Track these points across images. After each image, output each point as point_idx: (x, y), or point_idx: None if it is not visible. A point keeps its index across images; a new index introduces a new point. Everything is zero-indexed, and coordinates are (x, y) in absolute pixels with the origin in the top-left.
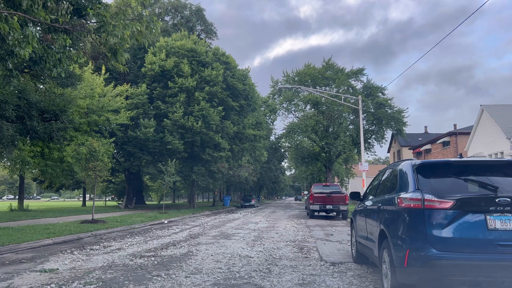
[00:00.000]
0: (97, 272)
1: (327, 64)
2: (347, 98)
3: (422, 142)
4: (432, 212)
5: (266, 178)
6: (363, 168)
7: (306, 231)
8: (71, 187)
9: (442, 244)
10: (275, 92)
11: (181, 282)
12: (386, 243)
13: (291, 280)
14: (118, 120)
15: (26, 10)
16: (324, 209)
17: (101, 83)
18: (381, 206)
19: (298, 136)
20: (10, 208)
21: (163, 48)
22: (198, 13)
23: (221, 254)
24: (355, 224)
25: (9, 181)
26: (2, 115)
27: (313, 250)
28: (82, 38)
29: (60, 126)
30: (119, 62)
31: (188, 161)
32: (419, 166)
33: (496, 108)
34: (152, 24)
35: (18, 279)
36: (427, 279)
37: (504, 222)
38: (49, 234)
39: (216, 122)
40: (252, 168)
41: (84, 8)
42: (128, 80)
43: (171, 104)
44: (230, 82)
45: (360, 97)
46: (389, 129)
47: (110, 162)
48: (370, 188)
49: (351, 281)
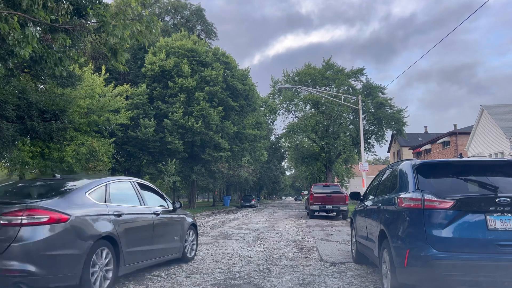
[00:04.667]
0: None
1: (327, 64)
2: (347, 98)
3: (422, 142)
4: (432, 212)
5: (266, 178)
6: (363, 168)
7: (306, 231)
8: None
9: (442, 244)
10: (275, 92)
11: (181, 282)
12: (386, 243)
13: (291, 280)
14: (118, 120)
15: (26, 10)
16: (324, 209)
17: (101, 83)
18: (381, 206)
19: (298, 136)
20: None
21: (163, 48)
22: (198, 13)
23: (221, 254)
24: (355, 224)
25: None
26: (2, 115)
27: (313, 250)
28: (82, 38)
29: (60, 126)
30: (119, 62)
31: (188, 161)
32: (419, 166)
33: (496, 108)
34: (152, 24)
35: None
36: (427, 279)
37: (504, 222)
38: None
39: (216, 122)
40: (252, 168)
41: (84, 8)
42: (128, 80)
43: (171, 104)
44: (230, 82)
45: (360, 97)
46: (389, 129)
47: (110, 162)
48: (370, 188)
49: (351, 281)
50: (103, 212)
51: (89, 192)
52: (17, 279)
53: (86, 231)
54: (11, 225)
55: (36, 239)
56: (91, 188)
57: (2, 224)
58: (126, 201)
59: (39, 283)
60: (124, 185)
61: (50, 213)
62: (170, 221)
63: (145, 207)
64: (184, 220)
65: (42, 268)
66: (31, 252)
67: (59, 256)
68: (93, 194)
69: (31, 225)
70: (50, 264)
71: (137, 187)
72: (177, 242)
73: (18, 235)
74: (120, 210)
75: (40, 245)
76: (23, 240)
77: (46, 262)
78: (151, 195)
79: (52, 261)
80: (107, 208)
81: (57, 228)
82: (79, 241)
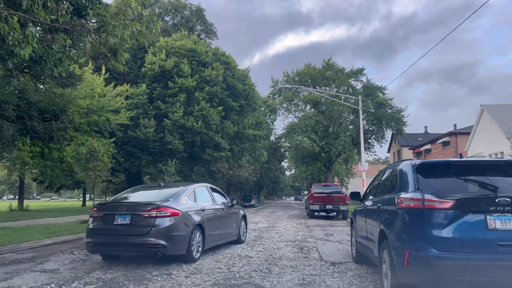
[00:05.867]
0: (97, 272)
1: (327, 64)
2: (347, 98)
3: (422, 142)
4: (432, 212)
5: (266, 178)
6: (363, 168)
7: (306, 231)
8: (71, 187)
9: (442, 244)
10: (275, 92)
11: (181, 282)
12: (386, 243)
13: (291, 280)
14: (118, 120)
15: (26, 10)
16: (324, 209)
17: (101, 83)
18: (381, 206)
19: (298, 136)
20: (10, 208)
21: (163, 48)
22: (198, 13)
23: (221, 254)
24: (355, 224)
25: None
26: (2, 115)
27: (313, 250)
28: (82, 38)
29: (60, 126)
30: (119, 62)
31: (188, 161)
32: (419, 166)
33: (496, 108)
34: (152, 24)
35: (18, 279)
36: (427, 279)
37: (504, 222)
38: (49, 234)
39: (216, 122)
40: (252, 168)
41: (84, 8)
42: (128, 80)
43: (171, 104)
44: (230, 82)
45: (360, 97)
46: (389, 129)
47: (110, 162)
48: (370, 188)
49: (351, 281)
50: (195, 208)
51: (186, 195)
52: (155, 249)
53: (188, 220)
54: (150, 217)
55: (164, 225)
56: (186, 192)
57: (145, 217)
58: (205, 200)
59: (167, 252)
60: (203, 189)
61: (170, 209)
62: (230, 213)
63: (215, 204)
64: (238, 212)
65: (168, 242)
66: (162, 233)
67: (176, 236)
68: (188, 197)
69: (161, 217)
70: (172, 240)
71: (210, 190)
72: (235, 228)
73: (155, 223)
74: (204, 207)
75: (166, 229)
76: (158, 226)
77: (170, 239)
78: (218, 195)
79: (173, 239)
80: (196, 205)
81: (174, 219)
82: (185, 227)
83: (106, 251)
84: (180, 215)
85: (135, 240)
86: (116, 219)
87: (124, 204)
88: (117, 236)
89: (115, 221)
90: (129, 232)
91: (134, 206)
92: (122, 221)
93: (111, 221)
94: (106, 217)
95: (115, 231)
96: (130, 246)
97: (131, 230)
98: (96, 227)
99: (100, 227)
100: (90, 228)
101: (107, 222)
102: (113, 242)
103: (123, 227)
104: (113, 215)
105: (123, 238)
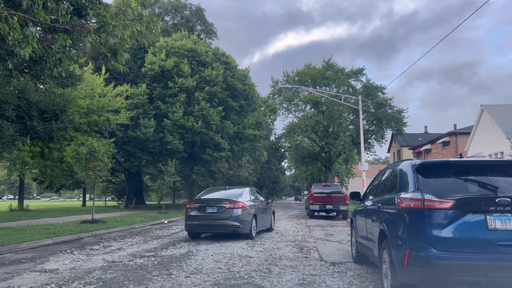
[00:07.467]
0: (97, 272)
1: (327, 64)
2: (347, 98)
3: (422, 142)
4: (432, 212)
5: (266, 178)
6: (363, 168)
7: (306, 231)
8: (71, 187)
9: (442, 244)
10: (275, 92)
11: (181, 282)
12: (386, 243)
13: (291, 280)
14: (118, 120)
15: (26, 10)
16: (324, 209)
17: (101, 83)
18: (381, 206)
19: (298, 136)
20: (10, 208)
21: (163, 48)
22: (198, 13)
23: (221, 254)
24: (355, 224)
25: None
26: (2, 115)
27: (313, 250)
28: (82, 38)
29: (60, 126)
30: (119, 62)
31: (188, 161)
32: (419, 166)
33: (496, 108)
34: (152, 24)
35: (18, 279)
36: (427, 279)
37: (504, 222)
38: (49, 234)
39: (216, 122)
40: (252, 168)
41: (84, 8)
42: (128, 80)
43: (171, 104)
44: (230, 82)
45: (360, 97)
46: (389, 129)
47: (110, 162)
48: (370, 188)
49: (351, 281)
50: (252, 203)
51: (245, 193)
52: (233, 228)
53: (250, 211)
54: (229, 208)
55: (238, 214)
56: (246, 192)
57: (226, 208)
58: (254, 198)
59: (240, 230)
60: (252, 190)
61: (241, 203)
62: (267, 208)
63: (259, 201)
64: (271, 208)
65: (242, 224)
66: (237, 218)
67: (245, 220)
68: (247, 195)
69: (236, 208)
70: (243, 223)
71: (255, 191)
72: (269, 220)
73: (233, 212)
74: (255, 203)
75: (239, 216)
76: (234, 214)
77: (242, 222)
78: (259, 195)
79: (243, 222)
80: (252, 202)
81: (243, 210)
82: (248, 215)
83: (201, 230)
84: (246, 207)
85: (221, 223)
86: (207, 209)
87: (211, 199)
88: (208, 219)
89: (206, 211)
90: (216, 218)
91: (219, 201)
92: (211, 211)
93: (204, 210)
94: (200, 208)
95: (207, 216)
96: (217, 227)
97: (218, 216)
98: (194, 215)
99: (196, 214)
100: (190, 215)
101: (201, 211)
102: (206, 224)
103: (212, 214)
104: (205, 206)
105: (213, 221)
